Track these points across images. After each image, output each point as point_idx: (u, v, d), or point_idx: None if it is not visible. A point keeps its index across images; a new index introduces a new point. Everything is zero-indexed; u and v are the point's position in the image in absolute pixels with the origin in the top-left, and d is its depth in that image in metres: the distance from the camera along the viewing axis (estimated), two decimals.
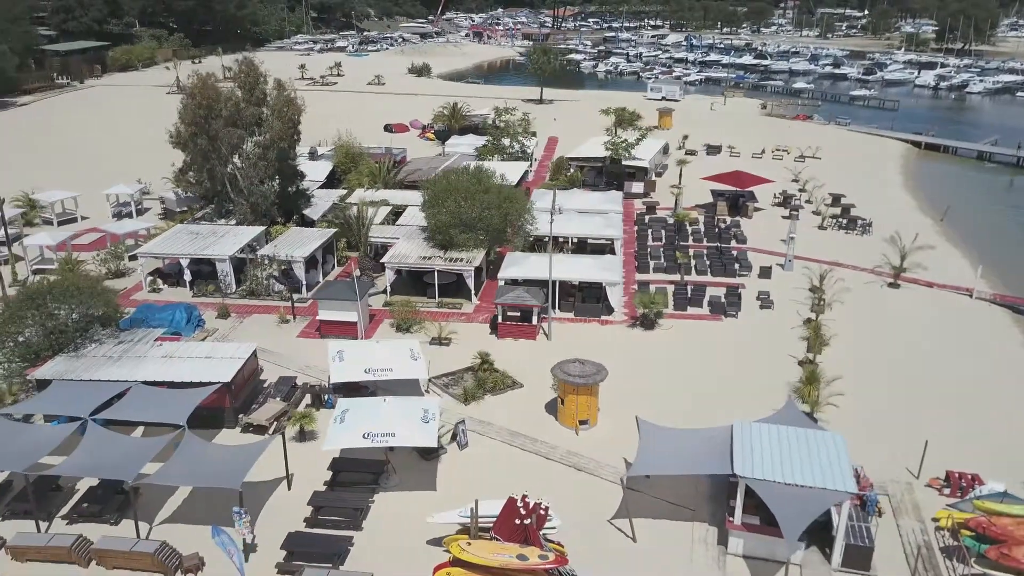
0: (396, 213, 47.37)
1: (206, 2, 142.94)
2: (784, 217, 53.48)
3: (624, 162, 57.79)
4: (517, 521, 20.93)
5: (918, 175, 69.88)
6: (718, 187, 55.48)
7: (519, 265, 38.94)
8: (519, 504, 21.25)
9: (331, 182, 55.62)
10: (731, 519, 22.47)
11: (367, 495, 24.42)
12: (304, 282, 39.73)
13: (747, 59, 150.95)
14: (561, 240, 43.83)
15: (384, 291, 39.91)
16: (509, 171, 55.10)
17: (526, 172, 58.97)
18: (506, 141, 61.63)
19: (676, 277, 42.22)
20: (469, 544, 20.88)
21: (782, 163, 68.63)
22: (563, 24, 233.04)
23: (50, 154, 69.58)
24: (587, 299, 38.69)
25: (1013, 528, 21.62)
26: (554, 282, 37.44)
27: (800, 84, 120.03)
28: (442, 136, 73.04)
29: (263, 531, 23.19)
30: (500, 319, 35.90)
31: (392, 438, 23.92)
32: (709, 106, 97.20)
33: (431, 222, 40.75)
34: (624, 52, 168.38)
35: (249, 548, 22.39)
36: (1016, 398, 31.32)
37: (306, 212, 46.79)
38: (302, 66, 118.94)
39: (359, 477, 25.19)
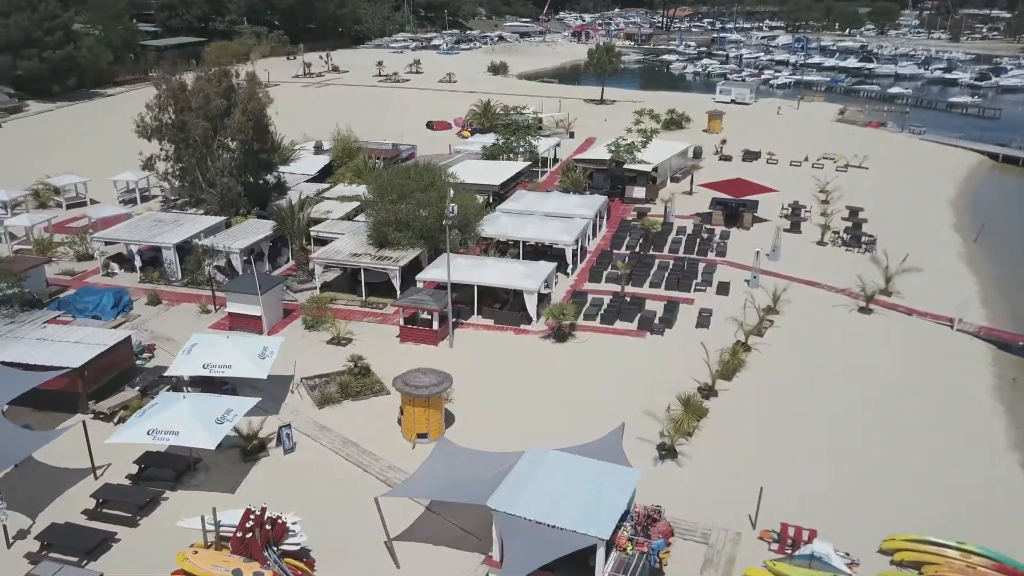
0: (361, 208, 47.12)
1: (306, 0, 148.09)
2: (785, 230, 49.47)
3: (626, 165, 55.23)
4: (239, 534, 19.98)
5: (977, 190, 63.22)
6: (726, 195, 51.97)
7: (444, 267, 37.67)
8: (252, 516, 20.28)
9: (326, 176, 56.03)
10: (490, 554, 20.63)
11: (157, 492, 24.09)
12: (241, 273, 40.02)
13: (851, 62, 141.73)
14: (507, 243, 42.30)
15: (315, 287, 39.71)
16: (501, 170, 54.17)
17: (524, 172, 57.43)
18: (513, 141, 60.17)
19: (629, 288, 39.84)
20: (196, 553, 20.12)
21: (822, 172, 63.63)
22: (672, 24, 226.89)
23: (102, 140, 73.69)
24: (515, 307, 37.02)
25: None
26: (466, 286, 36.31)
27: (896, 89, 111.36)
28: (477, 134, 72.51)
29: (47, 520, 23.20)
30: (402, 322, 34.89)
31: (175, 436, 23.45)
32: (776, 110, 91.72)
33: (369, 220, 40.23)
34: (724, 54, 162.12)
35: (19, 535, 22.54)
36: (937, 449, 27.35)
37: (278, 204, 47.18)
38: (380, 63, 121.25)
39: (162, 472, 24.92)
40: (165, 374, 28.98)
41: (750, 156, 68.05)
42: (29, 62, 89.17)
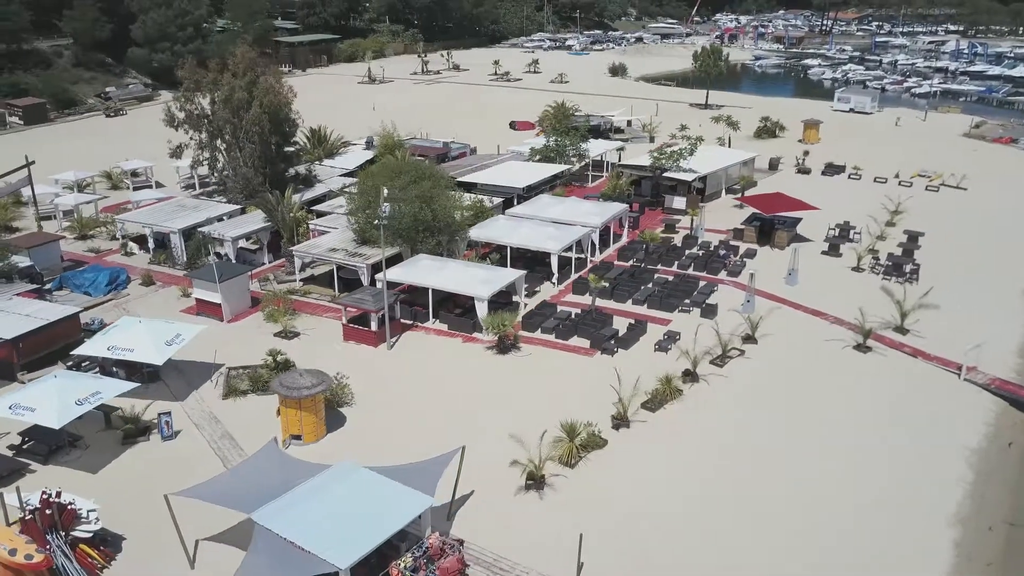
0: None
1: (441, 0, 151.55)
2: (823, 252, 44.94)
3: (666, 173, 52.21)
4: (20, 514, 20.33)
5: None
6: (758, 210, 47.93)
7: (410, 268, 37.14)
8: (41, 498, 20.59)
9: None
10: None
11: (23, 464, 25.08)
12: (232, 259, 41.24)
13: (1020, 70, 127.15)
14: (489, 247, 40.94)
15: (295, 280, 40.25)
16: (533, 173, 52.93)
17: (563, 175, 55.84)
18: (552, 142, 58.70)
19: (605, 301, 37.57)
20: None
21: (908, 190, 57.29)
22: (834, 27, 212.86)
23: None
24: (475, 313, 35.77)
25: None
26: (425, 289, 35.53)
27: None
28: None
29: None
30: (344, 320, 34.58)
31: (30, 413, 24.27)
32: (895, 121, 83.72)
33: (351, 218, 40.31)
34: (877, 59, 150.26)
35: None
36: (852, 521, 23.61)
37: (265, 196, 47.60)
38: (496, 62, 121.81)
39: (37, 447, 25.92)
40: (72, 352, 30.24)
41: (832, 170, 62.39)
42: (162, 55, 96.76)
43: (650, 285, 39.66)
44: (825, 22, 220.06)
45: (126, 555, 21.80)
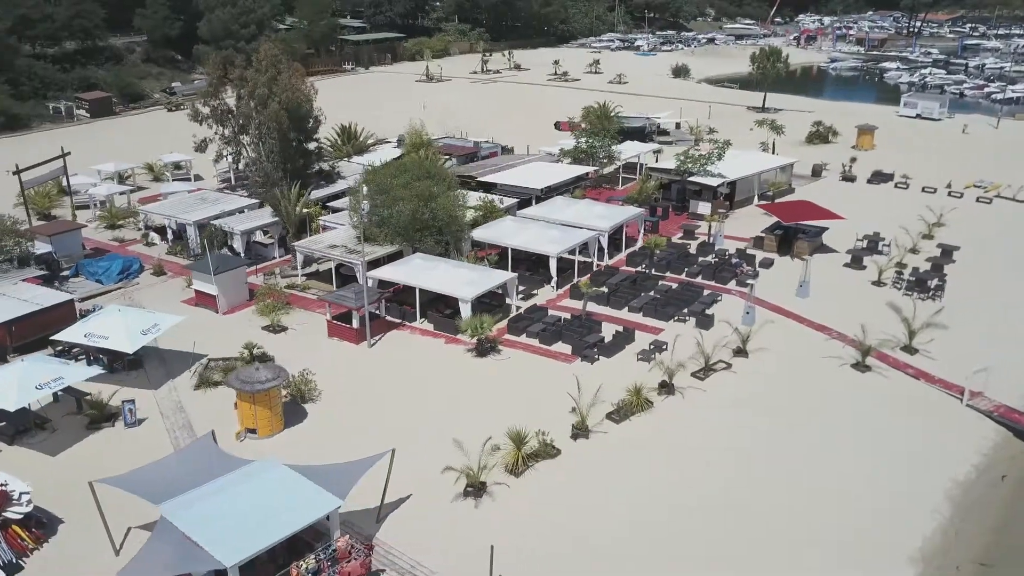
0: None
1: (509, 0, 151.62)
2: (846, 265, 42.79)
3: (692, 178, 50.69)
4: None
5: None
6: (778, 218, 45.93)
7: (401, 267, 37.09)
8: None
9: None
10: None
11: None
12: (241, 253, 42.04)
13: None
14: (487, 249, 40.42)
15: (297, 274, 40.70)
16: (555, 174, 52.29)
17: (585, 176, 54.97)
18: (582, 143, 57.80)
19: (601, 307, 36.67)
20: None
21: (958, 201, 54.13)
22: (920, 28, 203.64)
23: None
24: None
25: None
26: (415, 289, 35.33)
27: None
28: None
29: None
30: (329, 316, 34.69)
31: None
32: (962, 128, 79.29)
33: (353, 215, 40.46)
34: (963, 62, 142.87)
35: None
36: (801, 556, 22.31)
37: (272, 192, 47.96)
38: (556, 62, 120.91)
39: (5, 428, 26.81)
40: (52, 337, 31.16)
41: (878, 178, 59.42)
42: (226, 52, 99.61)
43: (651, 292, 38.48)
44: (914, 23, 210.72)
45: (60, 538, 22.30)
